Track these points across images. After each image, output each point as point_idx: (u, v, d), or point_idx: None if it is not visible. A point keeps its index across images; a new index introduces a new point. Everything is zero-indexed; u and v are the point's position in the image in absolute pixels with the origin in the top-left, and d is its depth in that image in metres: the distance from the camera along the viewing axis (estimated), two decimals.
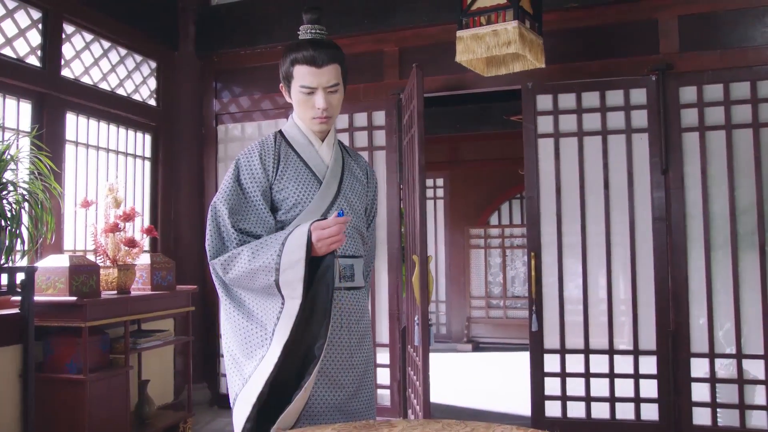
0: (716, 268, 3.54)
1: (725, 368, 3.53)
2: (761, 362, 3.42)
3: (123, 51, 4.15)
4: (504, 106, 6.15)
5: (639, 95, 3.72)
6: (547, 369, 3.79)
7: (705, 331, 3.53)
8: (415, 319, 3.44)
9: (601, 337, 3.73)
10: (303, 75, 1.66)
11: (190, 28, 4.55)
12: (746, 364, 3.46)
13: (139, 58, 4.29)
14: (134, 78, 4.25)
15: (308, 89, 1.67)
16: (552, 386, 3.77)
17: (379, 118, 4.24)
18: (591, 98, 3.82)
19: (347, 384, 1.67)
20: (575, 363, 3.75)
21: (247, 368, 1.52)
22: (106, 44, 4.01)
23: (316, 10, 1.72)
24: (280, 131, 1.78)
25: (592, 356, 3.73)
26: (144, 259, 3.64)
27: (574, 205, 3.81)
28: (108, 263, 3.37)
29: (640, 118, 3.72)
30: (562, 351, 3.78)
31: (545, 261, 3.85)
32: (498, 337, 7.22)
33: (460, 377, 5.77)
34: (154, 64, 4.43)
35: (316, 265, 1.52)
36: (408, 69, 4.08)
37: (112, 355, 3.30)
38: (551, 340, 3.80)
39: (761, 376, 3.42)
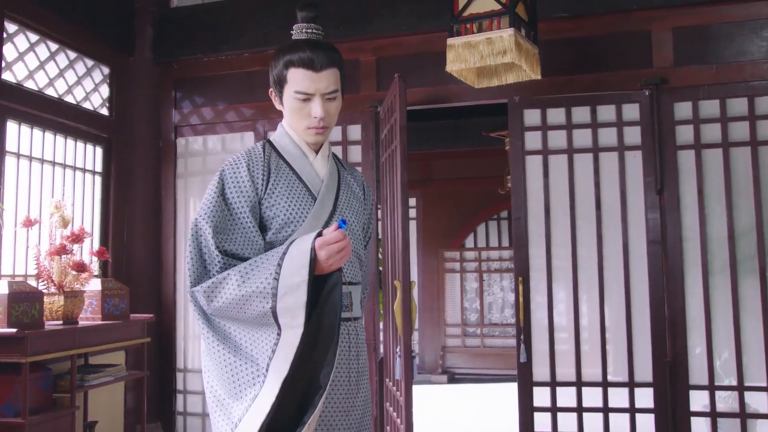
0: (715, 294, 3.54)
1: (724, 401, 3.52)
2: (764, 395, 3.43)
3: (73, 54, 4.01)
4: (482, 122, 6.16)
5: (632, 111, 3.74)
6: (536, 403, 3.72)
7: (704, 361, 3.52)
8: (397, 350, 3.35)
9: (593, 367, 3.69)
10: (298, 79, 1.58)
11: (148, 31, 4.43)
12: (748, 396, 3.45)
13: (90, 62, 4.16)
14: (85, 84, 4.11)
15: (304, 95, 1.59)
16: (542, 421, 3.71)
17: (355, 132, 4.17)
18: (581, 113, 3.82)
19: (344, 430, 1.56)
20: (566, 396, 3.70)
21: (235, 411, 1.40)
22: (54, 46, 3.86)
23: (312, 7, 1.64)
24: (269, 141, 1.69)
25: (584, 389, 3.68)
26: (94, 285, 3.49)
27: (564, 227, 3.79)
28: (53, 290, 3.21)
29: (633, 134, 3.73)
30: (553, 384, 3.73)
31: (534, 286, 3.81)
32: (475, 368, 7.18)
33: (435, 412, 5.67)
34: (107, 70, 4.30)
35: (320, 285, 1.42)
36: (386, 80, 4.04)
37: (56, 394, 3.14)
38: (541, 371, 3.74)
39: (764, 410, 3.42)
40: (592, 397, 3.66)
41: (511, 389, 4.16)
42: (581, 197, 3.78)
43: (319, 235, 1.44)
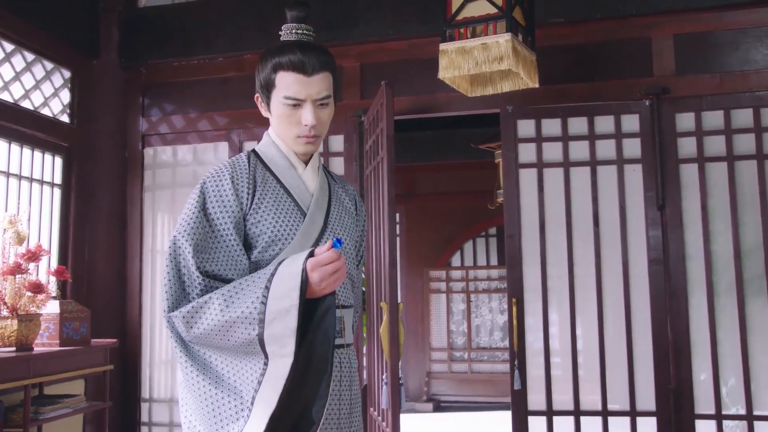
0: (720, 316, 3.54)
1: (732, 431, 3.51)
2: None
3: (30, 56, 3.92)
4: (470, 133, 6.17)
5: (631, 122, 3.75)
6: None
7: (710, 388, 3.51)
8: (383, 377, 3.31)
9: (592, 394, 3.67)
10: (288, 84, 1.54)
11: (113, 32, 4.37)
12: (758, 426, 3.44)
13: (50, 65, 4.08)
14: (44, 89, 4.03)
15: (294, 101, 1.55)
16: None
17: (337, 143, 4.14)
18: (578, 124, 3.82)
19: None
20: (564, 426, 3.66)
21: None
22: (9, 47, 3.78)
23: (303, 6, 1.60)
24: (254, 151, 1.64)
25: (582, 418, 3.65)
26: (52, 308, 3.40)
27: (560, 245, 3.78)
28: (5, 313, 3.13)
29: (632, 147, 3.74)
30: (549, 413, 3.69)
31: (528, 308, 3.79)
32: (462, 395, 7.15)
33: None
34: (68, 74, 4.22)
35: (311, 310, 1.38)
36: (371, 88, 4.02)
37: (7, 429, 3.03)
38: (536, 399, 3.71)
39: None
40: (592, 426, 3.63)
41: (501, 418, 4.13)
42: (578, 213, 3.77)
43: (311, 255, 1.39)
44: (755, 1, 3.56)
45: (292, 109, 1.55)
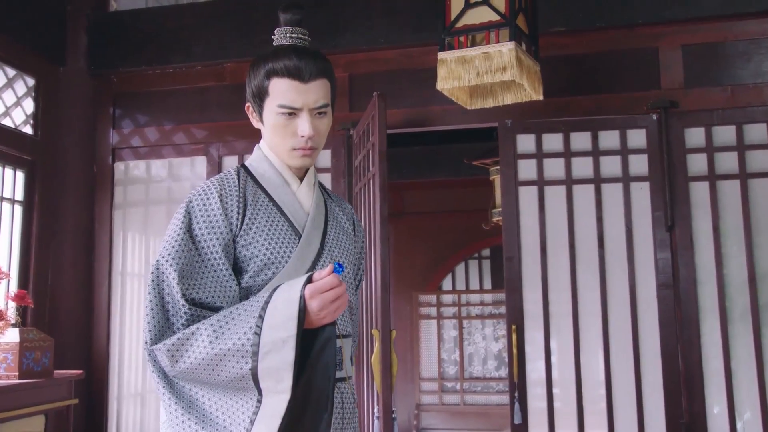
0: (735, 344, 3.54)
1: None
2: None
3: None
4: (462, 148, 6.18)
5: (638, 137, 3.76)
6: None
7: (725, 422, 3.49)
8: (375, 411, 3.27)
9: (598, 429, 3.64)
10: (283, 91, 1.51)
11: (81, 37, 4.35)
12: None
13: (12, 72, 4.05)
14: (5, 98, 4.00)
15: (289, 110, 1.52)
16: None
17: (324, 158, 4.13)
18: (581, 139, 3.83)
19: None
20: None
21: None
22: None
23: (298, 8, 1.58)
24: (243, 166, 1.60)
25: None
26: (11, 336, 3.33)
27: (563, 268, 3.77)
28: None
29: (639, 163, 3.74)
30: None
31: (529, 336, 3.77)
32: (454, 429, 7.13)
33: None
34: (32, 81, 4.19)
35: (308, 342, 1.35)
36: (360, 100, 4.03)
37: None
38: None
39: None
40: None
41: None
42: (581, 234, 3.77)
43: (309, 280, 1.35)
44: None
45: (287, 119, 1.53)
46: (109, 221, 4.34)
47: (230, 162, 4.18)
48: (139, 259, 4.34)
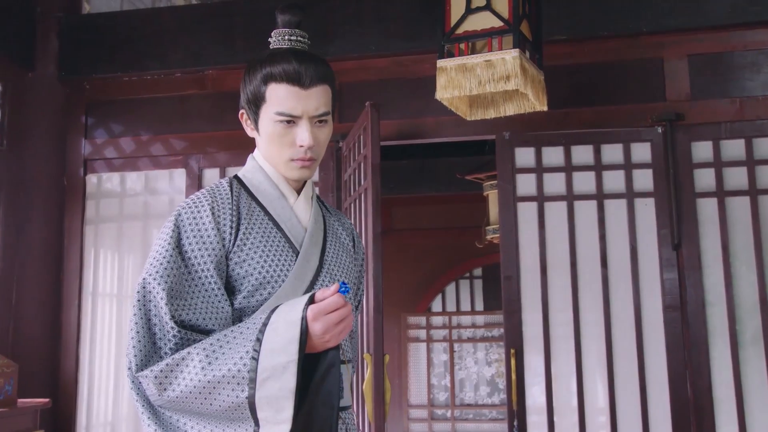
0: (746, 370, 3.53)
1: None
2: None
3: None
4: (454, 161, 6.19)
5: (642, 151, 3.77)
6: None
7: None
8: None
9: None
10: (281, 98, 1.49)
11: (52, 41, 4.33)
12: None
13: None
14: None
15: (288, 117, 1.49)
16: None
17: None
18: (583, 153, 3.83)
19: None
20: None
21: None
22: None
23: (297, 10, 1.55)
24: (236, 177, 1.57)
25: None
26: None
27: (564, 288, 3.76)
28: None
29: (644, 179, 3.75)
30: None
31: (528, 360, 3.75)
32: None
33: None
34: None
35: (310, 368, 1.31)
36: (350, 110, 4.01)
37: None
38: None
39: None
40: None
41: None
42: (583, 253, 3.77)
43: (311, 300, 1.31)
44: None
45: (285, 128, 1.50)
46: (80, 237, 4.29)
47: (211, 175, 4.14)
48: (111, 278, 4.28)
